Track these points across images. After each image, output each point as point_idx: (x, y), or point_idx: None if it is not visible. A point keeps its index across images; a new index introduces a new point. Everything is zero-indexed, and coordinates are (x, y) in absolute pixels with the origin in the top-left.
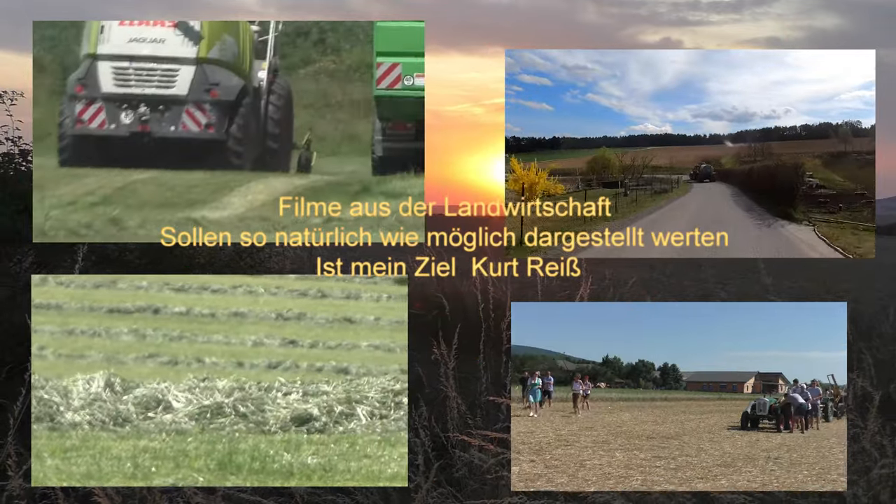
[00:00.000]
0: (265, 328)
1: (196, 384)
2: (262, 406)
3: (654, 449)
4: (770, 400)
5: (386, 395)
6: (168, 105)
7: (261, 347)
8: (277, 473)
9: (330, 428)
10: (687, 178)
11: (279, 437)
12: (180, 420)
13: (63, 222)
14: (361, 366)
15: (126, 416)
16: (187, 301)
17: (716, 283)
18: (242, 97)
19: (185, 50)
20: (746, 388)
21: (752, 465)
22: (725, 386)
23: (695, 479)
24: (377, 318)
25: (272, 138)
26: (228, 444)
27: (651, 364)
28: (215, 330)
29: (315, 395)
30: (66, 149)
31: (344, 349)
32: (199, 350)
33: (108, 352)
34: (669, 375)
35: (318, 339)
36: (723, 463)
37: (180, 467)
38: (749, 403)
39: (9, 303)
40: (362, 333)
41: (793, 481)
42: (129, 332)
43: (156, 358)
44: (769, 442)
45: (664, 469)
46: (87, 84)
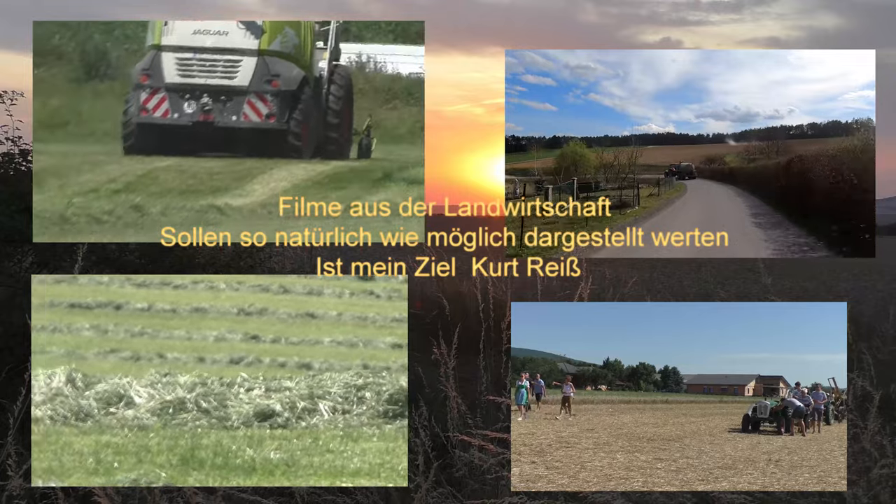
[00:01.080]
0: (227, 323)
1: (158, 379)
2: (225, 401)
3: (655, 451)
4: (771, 403)
5: (349, 390)
6: (230, 95)
7: (223, 343)
8: (240, 469)
9: (292, 423)
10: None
11: (241, 433)
12: (142, 416)
13: (85, 209)
14: (324, 361)
15: (88, 411)
16: (149, 297)
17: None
18: (303, 87)
19: (247, 42)
20: (747, 390)
21: (752, 467)
22: (726, 389)
23: (695, 480)
24: (339, 313)
25: (332, 127)
26: (191, 440)
27: (652, 367)
28: (177, 325)
29: (277, 391)
30: (131, 136)
31: (307, 345)
32: (160, 346)
33: (69, 347)
34: (670, 378)
35: (280, 334)
36: (724, 465)
37: (142, 462)
38: (750, 406)
39: (9, 303)
40: (325, 329)
41: (794, 483)
42: (91, 328)
43: (117, 353)
44: (770, 445)
45: (665, 471)
46: (151, 74)
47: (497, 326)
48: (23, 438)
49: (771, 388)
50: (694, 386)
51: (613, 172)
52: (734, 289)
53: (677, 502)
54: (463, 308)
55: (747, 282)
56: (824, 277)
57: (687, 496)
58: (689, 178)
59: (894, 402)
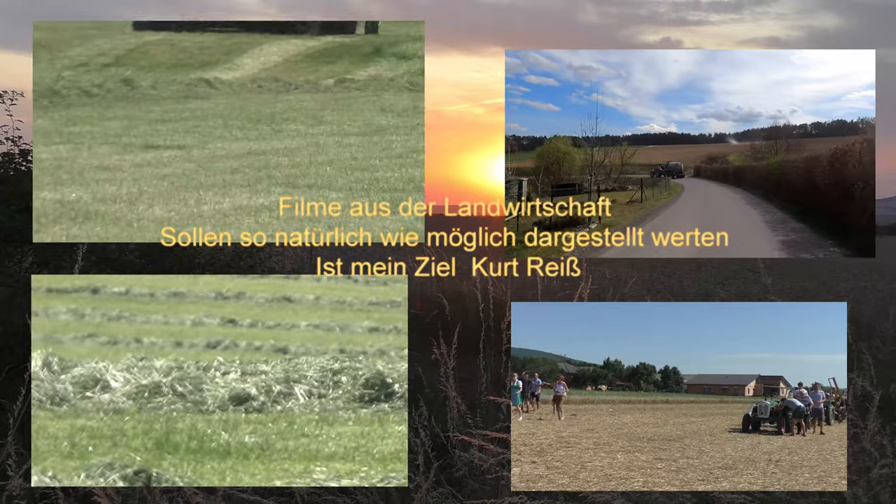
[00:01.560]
0: (204, 308)
1: (134, 363)
2: (200, 385)
3: (656, 451)
4: (771, 403)
5: (325, 374)
6: None
7: (200, 327)
8: (214, 452)
9: (268, 407)
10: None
11: (217, 417)
12: (118, 399)
13: (75, 83)
14: (301, 345)
15: (63, 395)
16: (126, 281)
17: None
18: None
19: None
20: (748, 390)
21: (752, 467)
22: (727, 389)
23: (696, 480)
24: (317, 297)
25: None
26: (166, 424)
27: (652, 367)
28: (154, 310)
29: (253, 375)
30: None
31: (283, 329)
32: (138, 330)
33: (45, 332)
34: (670, 378)
35: (257, 318)
36: (724, 465)
37: (117, 446)
38: (750, 406)
39: (9, 303)
40: (301, 313)
41: (794, 483)
42: (68, 312)
43: (94, 338)
44: (770, 445)
45: (665, 471)
46: None
47: (497, 326)
48: (23, 438)
49: (771, 389)
50: (694, 386)
51: (604, 172)
52: (734, 289)
53: (677, 502)
54: (463, 308)
55: (747, 282)
56: (824, 277)
57: (687, 496)
58: (678, 177)
59: (894, 402)
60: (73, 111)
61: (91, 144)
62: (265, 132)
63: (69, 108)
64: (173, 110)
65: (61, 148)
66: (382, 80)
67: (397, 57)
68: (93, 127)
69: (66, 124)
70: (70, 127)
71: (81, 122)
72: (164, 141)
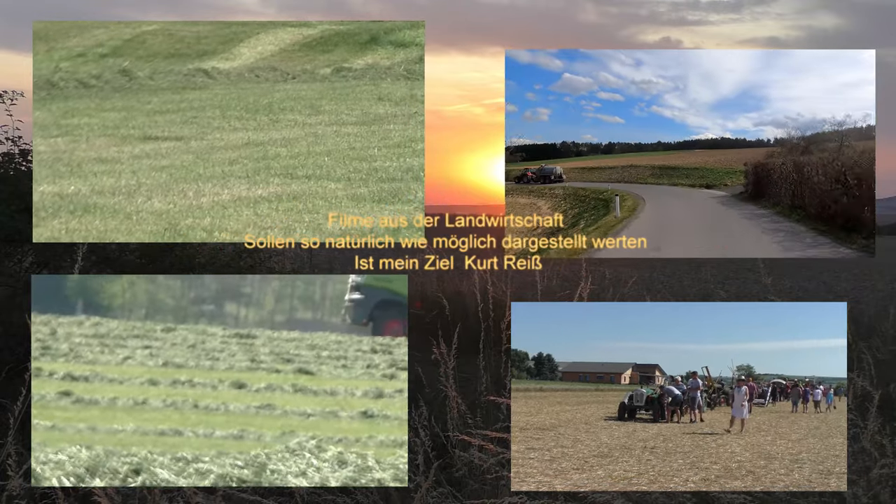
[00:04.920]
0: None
1: None
2: None
3: (528, 440)
4: (647, 391)
5: None
6: None
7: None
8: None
9: None
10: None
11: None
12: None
13: (73, 74)
14: None
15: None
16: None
17: (716, 283)
18: None
19: None
20: (624, 378)
21: (628, 454)
22: (603, 377)
23: (570, 469)
24: None
25: None
26: None
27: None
28: None
29: None
30: None
31: None
32: None
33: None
34: (544, 365)
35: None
36: (599, 454)
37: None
38: (626, 394)
39: (9, 303)
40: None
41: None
42: None
43: None
44: (646, 432)
45: (538, 461)
46: None
47: (497, 326)
48: (23, 438)
49: (647, 377)
50: (569, 374)
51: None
52: (734, 289)
53: (677, 502)
54: (463, 308)
55: (747, 282)
56: (824, 277)
57: (687, 496)
58: (555, 181)
59: (894, 401)
60: (70, 103)
61: (89, 136)
62: (263, 122)
63: (67, 100)
64: (171, 101)
65: (59, 140)
66: (380, 68)
67: (394, 45)
68: (91, 118)
69: (63, 116)
70: (68, 119)
71: (79, 114)
72: (163, 132)
